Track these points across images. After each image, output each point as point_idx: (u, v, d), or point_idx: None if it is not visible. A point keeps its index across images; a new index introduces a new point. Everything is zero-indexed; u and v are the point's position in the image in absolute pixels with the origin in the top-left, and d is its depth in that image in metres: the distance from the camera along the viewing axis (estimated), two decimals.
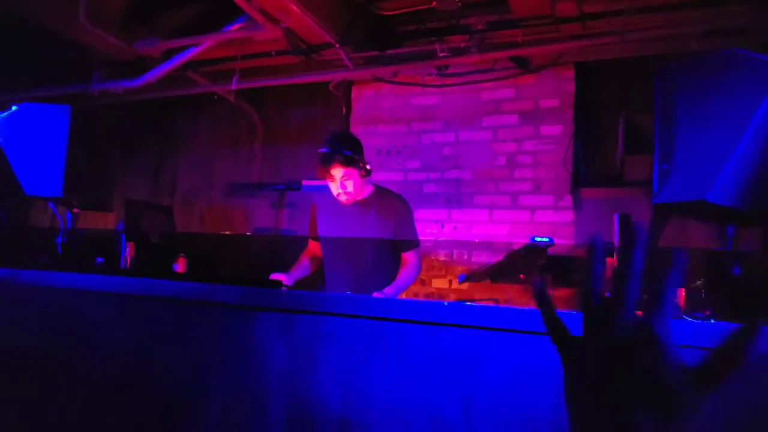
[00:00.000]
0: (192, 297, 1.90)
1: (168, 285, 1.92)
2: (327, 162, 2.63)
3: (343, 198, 2.70)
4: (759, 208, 1.37)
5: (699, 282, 1.80)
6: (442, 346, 1.55)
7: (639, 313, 0.55)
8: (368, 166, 2.69)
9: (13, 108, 2.60)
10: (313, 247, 2.97)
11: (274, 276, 2.63)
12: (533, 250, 1.70)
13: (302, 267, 2.92)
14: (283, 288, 1.94)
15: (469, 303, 1.54)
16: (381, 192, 2.84)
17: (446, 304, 1.55)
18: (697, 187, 1.44)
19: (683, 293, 1.85)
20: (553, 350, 1.55)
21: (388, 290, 2.65)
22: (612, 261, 0.60)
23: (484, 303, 1.60)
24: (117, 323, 2.00)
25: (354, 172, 2.65)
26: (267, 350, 1.75)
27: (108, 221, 5.40)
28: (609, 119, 3.83)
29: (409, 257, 2.77)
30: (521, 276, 1.84)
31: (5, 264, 2.33)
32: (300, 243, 3.05)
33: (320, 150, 2.66)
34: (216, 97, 4.84)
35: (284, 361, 1.73)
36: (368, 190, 2.80)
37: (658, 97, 1.60)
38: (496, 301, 3.05)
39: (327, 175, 2.66)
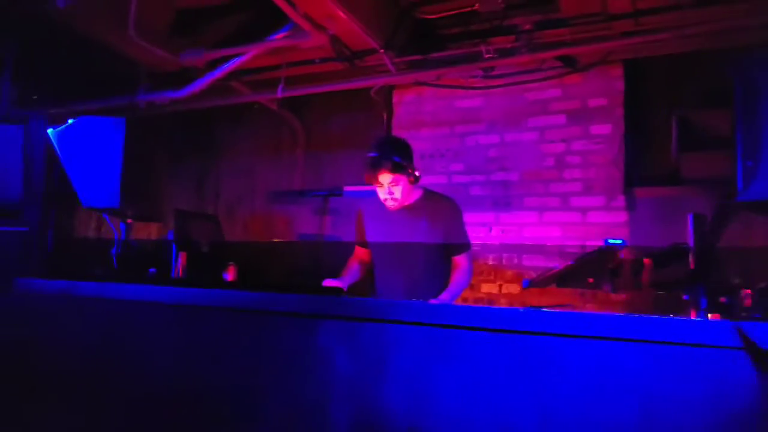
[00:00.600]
0: (250, 306, 1.89)
1: (225, 294, 1.91)
2: (375, 167, 2.60)
3: (390, 204, 2.66)
4: None
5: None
6: (516, 353, 1.49)
7: None
8: (417, 173, 2.65)
9: (70, 121, 2.65)
10: (360, 252, 2.93)
11: (327, 282, 2.60)
12: (606, 252, 1.64)
13: (352, 272, 2.88)
14: (344, 295, 1.91)
15: (544, 309, 1.48)
16: (430, 195, 2.79)
17: (522, 310, 1.49)
18: None
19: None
20: (636, 357, 1.47)
21: (444, 296, 2.60)
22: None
23: (551, 309, 1.54)
24: (173, 334, 2.00)
25: (402, 178, 2.61)
26: (330, 359, 1.71)
27: (151, 231, 5.49)
28: (660, 117, 3.71)
29: (460, 261, 2.72)
30: (590, 280, 1.77)
31: (61, 275, 2.36)
32: (346, 248, 3.03)
33: (369, 154, 2.63)
34: (256, 106, 4.86)
35: (348, 370, 1.69)
36: (416, 194, 2.75)
37: (739, 92, 1.51)
38: (561, 306, 2.97)
39: (374, 180, 2.63)
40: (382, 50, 3.72)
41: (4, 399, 2.22)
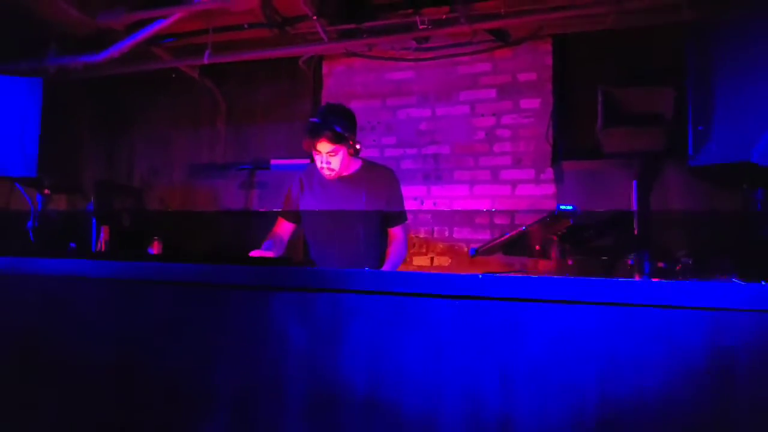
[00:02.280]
0: (197, 279, 1.78)
1: (170, 267, 1.80)
2: (314, 134, 2.53)
3: (326, 173, 2.60)
4: None
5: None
6: (476, 319, 1.50)
7: None
8: (358, 145, 2.60)
9: None
10: (282, 227, 2.82)
11: (255, 253, 2.49)
12: (558, 219, 1.67)
13: (274, 247, 2.77)
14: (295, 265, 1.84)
15: (503, 274, 1.49)
16: (369, 166, 2.75)
17: (480, 276, 1.49)
18: (739, 148, 1.43)
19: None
20: (596, 319, 1.51)
21: (385, 268, 2.58)
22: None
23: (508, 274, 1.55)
24: (110, 312, 1.86)
25: (342, 149, 2.56)
26: (284, 332, 1.66)
27: (60, 203, 5.09)
28: (587, 92, 3.84)
29: (396, 233, 2.71)
30: (536, 247, 1.81)
31: None
32: (275, 219, 2.91)
33: (310, 119, 2.56)
34: (174, 74, 4.60)
35: (303, 342, 1.64)
36: (356, 165, 2.71)
37: (691, 61, 1.57)
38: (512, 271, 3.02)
39: (313, 147, 2.56)
40: (315, 17, 3.61)
41: None
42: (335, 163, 2.57)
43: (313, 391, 1.63)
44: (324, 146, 2.53)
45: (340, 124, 2.53)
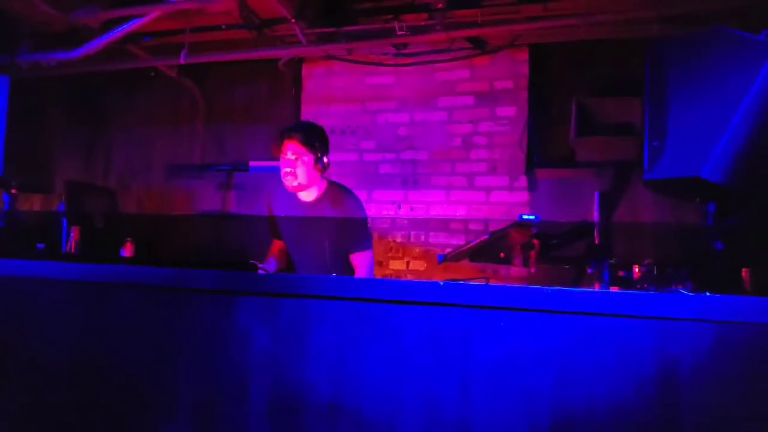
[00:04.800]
0: (162, 283, 1.79)
1: (136, 271, 1.80)
2: (282, 135, 2.54)
3: (288, 180, 2.55)
4: (747, 185, 1.41)
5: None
6: (436, 326, 1.52)
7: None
8: (326, 160, 2.56)
9: None
10: (276, 244, 2.84)
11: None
12: (520, 228, 1.70)
13: (272, 263, 2.77)
14: (260, 271, 1.85)
15: (462, 282, 1.52)
16: (335, 192, 2.68)
17: (441, 283, 1.52)
18: (691, 164, 1.47)
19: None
20: (550, 327, 1.54)
21: None
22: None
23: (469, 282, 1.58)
24: (73, 314, 1.85)
25: (309, 156, 2.53)
26: (248, 337, 1.67)
27: (33, 203, 5.03)
28: (561, 101, 3.89)
29: (359, 260, 2.62)
30: (501, 255, 1.84)
31: None
32: (250, 223, 2.92)
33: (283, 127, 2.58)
34: (152, 73, 4.57)
35: (267, 347, 1.66)
36: (321, 186, 2.65)
37: (648, 77, 1.62)
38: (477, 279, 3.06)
39: (279, 150, 2.55)
40: (293, 20, 3.62)
41: None
42: (299, 171, 2.53)
43: (276, 394, 1.64)
44: (291, 147, 2.52)
45: (311, 132, 2.55)
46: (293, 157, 2.52)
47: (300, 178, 2.54)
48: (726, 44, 1.48)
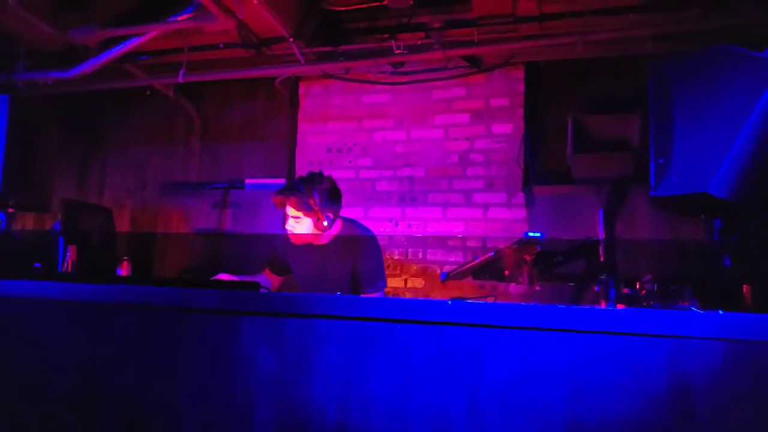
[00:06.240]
0: (164, 303, 1.77)
1: (138, 291, 1.77)
2: (281, 194, 2.51)
3: (292, 237, 2.54)
4: (752, 201, 1.42)
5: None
6: (445, 345, 1.51)
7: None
8: (326, 222, 2.48)
9: None
10: (269, 275, 2.83)
11: (221, 276, 2.46)
12: (526, 245, 1.70)
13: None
14: (263, 290, 1.84)
15: (470, 300, 1.51)
16: (348, 229, 2.66)
17: (449, 302, 1.51)
18: (698, 180, 1.48)
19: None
20: (562, 345, 1.53)
21: None
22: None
23: (476, 300, 1.57)
24: (72, 335, 1.83)
25: (309, 217, 2.48)
26: (252, 357, 1.65)
27: (26, 221, 4.98)
28: (558, 118, 3.92)
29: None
30: (506, 272, 1.84)
31: None
32: (247, 242, 2.90)
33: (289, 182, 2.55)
34: (149, 92, 4.57)
35: (273, 368, 1.63)
36: (333, 229, 2.60)
37: (652, 95, 1.63)
38: (481, 298, 3.05)
39: (280, 206, 2.54)
40: (291, 39, 3.63)
41: None
42: (300, 229, 2.50)
43: (282, 415, 1.62)
44: (290, 210, 2.50)
45: (312, 194, 2.46)
46: (294, 215, 2.49)
47: (302, 236, 2.53)
48: (731, 61, 1.50)
